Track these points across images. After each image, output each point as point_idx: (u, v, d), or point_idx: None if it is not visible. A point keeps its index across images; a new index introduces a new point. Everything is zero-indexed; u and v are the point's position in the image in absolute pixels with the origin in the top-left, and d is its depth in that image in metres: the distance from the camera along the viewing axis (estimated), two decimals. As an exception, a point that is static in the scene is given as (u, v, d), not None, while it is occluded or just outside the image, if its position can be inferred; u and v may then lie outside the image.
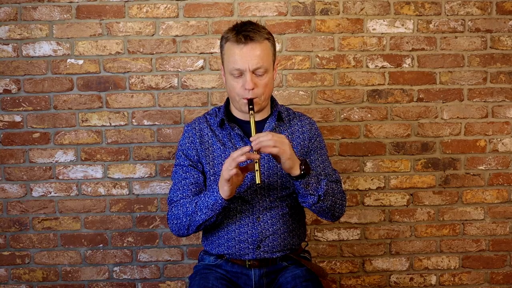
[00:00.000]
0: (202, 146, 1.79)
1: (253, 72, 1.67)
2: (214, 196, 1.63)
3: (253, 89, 1.67)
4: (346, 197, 1.82)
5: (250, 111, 1.66)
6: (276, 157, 1.61)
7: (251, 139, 1.59)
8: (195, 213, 1.67)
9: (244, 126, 1.79)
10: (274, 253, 1.76)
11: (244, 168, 1.61)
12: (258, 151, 1.57)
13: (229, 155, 1.74)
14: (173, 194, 1.77)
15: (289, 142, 1.60)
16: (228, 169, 1.55)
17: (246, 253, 1.75)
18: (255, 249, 1.74)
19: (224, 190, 1.60)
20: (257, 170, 1.56)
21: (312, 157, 1.81)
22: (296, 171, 1.61)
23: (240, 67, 1.67)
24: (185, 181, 1.77)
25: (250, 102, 1.68)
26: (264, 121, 1.81)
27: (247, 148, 1.56)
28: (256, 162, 1.56)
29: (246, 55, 1.66)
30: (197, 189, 1.76)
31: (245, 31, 1.67)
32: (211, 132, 1.81)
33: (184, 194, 1.75)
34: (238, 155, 1.55)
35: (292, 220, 1.80)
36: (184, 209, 1.70)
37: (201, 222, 1.68)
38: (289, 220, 1.78)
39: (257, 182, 1.55)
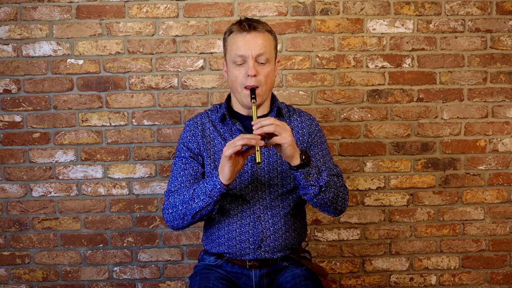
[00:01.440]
0: (204, 140, 1.80)
1: (256, 59, 1.70)
2: (213, 182, 1.61)
3: (255, 76, 1.69)
4: (348, 191, 1.81)
5: (252, 100, 1.68)
6: (276, 145, 1.61)
7: (252, 122, 1.59)
8: (192, 200, 1.65)
9: (245, 121, 1.80)
10: (274, 253, 1.76)
11: (245, 151, 1.61)
12: (260, 135, 1.57)
13: None
14: (171, 185, 1.76)
15: (290, 129, 1.61)
16: (233, 144, 1.54)
17: (247, 252, 1.75)
18: (256, 249, 1.74)
19: (224, 172, 1.58)
20: (257, 150, 1.55)
21: (312, 152, 1.81)
22: (297, 160, 1.61)
23: (243, 53, 1.70)
24: (184, 172, 1.76)
25: (252, 91, 1.69)
26: (264, 117, 1.81)
27: (258, 136, 1.56)
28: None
29: (249, 42, 1.70)
30: (196, 181, 1.75)
31: (248, 21, 1.73)
32: (213, 127, 1.82)
33: (182, 185, 1.74)
34: (247, 136, 1.55)
35: (293, 219, 1.80)
36: (181, 197, 1.68)
37: (197, 209, 1.65)
38: (290, 219, 1.78)
39: (257, 161, 1.54)
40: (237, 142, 1.55)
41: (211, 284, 1.70)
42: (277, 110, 1.83)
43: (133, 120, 2.51)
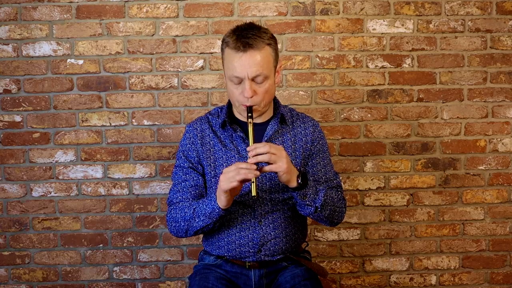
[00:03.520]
0: (203, 148, 1.78)
1: (253, 80, 1.64)
2: (211, 205, 1.62)
3: (252, 97, 1.65)
4: (346, 203, 1.81)
5: (249, 119, 1.64)
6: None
7: (248, 148, 1.58)
8: (192, 219, 1.67)
9: (246, 128, 1.75)
10: (274, 256, 1.76)
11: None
12: (256, 164, 1.56)
13: (230, 156, 1.74)
14: (173, 196, 1.77)
15: (287, 155, 1.59)
16: (229, 180, 1.53)
17: (247, 256, 1.74)
18: (256, 253, 1.74)
19: (221, 200, 1.59)
20: (253, 182, 1.54)
21: (314, 161, 1.80)
22: (293, 184, 1.61)
23: (239, 75, 1.64)
24: (185, 183, 1.76)
25: (249, 109, 1.66)
26: (267, 123, 1.79)
27: (254, 166, 1.54)
28: None
29: (245, 63, 1.62)
30: (197, 191, 1.76)
31: (244, 37, 1.63)
32: (213, 133, 1.79)
33: (184, 197, 1.74)
34: (243, 167, 1.53)
35: (294, 223, 1.79)
36: (183, 214, 1.69)
37: (198, 228, 1.68)
38: (291, 223, 1.78)
39: (252, 194, 1.54)
40: (235, 177, 1.52)
41: (210, 284, 1.69)
42: (281, 117, 1.79)
43: (133, 120, 2.51)
